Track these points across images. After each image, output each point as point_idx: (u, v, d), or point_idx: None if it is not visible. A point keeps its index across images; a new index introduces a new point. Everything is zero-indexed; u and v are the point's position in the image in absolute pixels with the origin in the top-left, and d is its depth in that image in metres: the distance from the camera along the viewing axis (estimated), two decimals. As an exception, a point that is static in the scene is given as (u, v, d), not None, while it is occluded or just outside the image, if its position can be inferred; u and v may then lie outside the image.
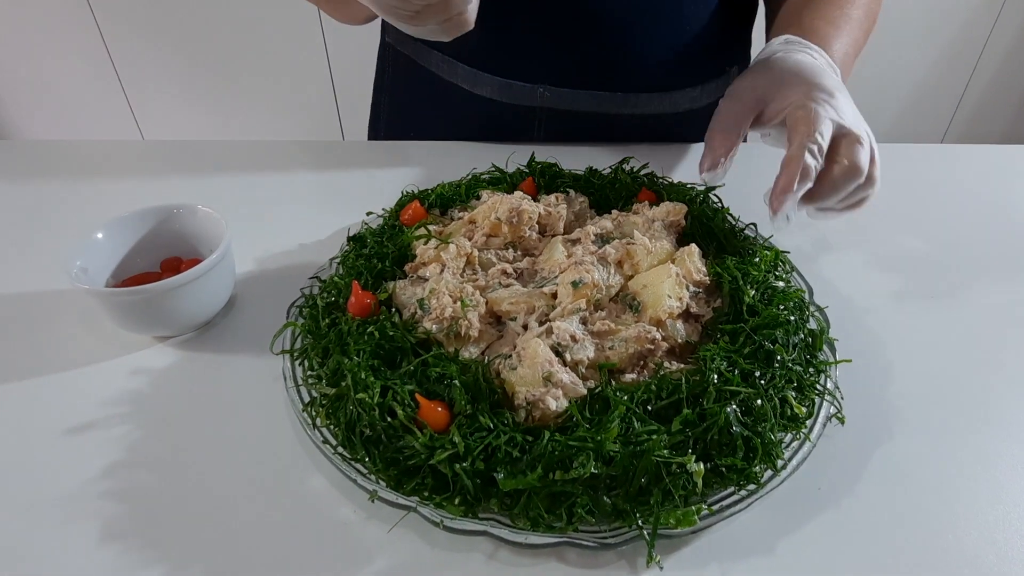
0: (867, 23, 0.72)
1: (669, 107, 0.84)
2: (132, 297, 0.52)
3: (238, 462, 0.47)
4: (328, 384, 0.47)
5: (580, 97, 0.81)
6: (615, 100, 0.82)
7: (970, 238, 0.72)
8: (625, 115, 0.84)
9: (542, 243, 0.60)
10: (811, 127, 0.54)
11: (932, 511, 0.44)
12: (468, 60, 0.82)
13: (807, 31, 0.65)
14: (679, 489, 0.40)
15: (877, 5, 0.76)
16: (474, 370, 0.46)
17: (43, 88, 2.05)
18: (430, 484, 0.41)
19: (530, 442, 0.42)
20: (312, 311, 0.54)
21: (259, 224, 0.72)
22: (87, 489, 0.45)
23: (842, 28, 0.66)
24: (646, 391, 0.45)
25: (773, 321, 0.50)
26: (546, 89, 0.81)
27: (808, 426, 0.46)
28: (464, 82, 0.83)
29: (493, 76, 0.81)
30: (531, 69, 0.80)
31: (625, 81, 0.81)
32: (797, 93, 0.57)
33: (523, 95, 0.82)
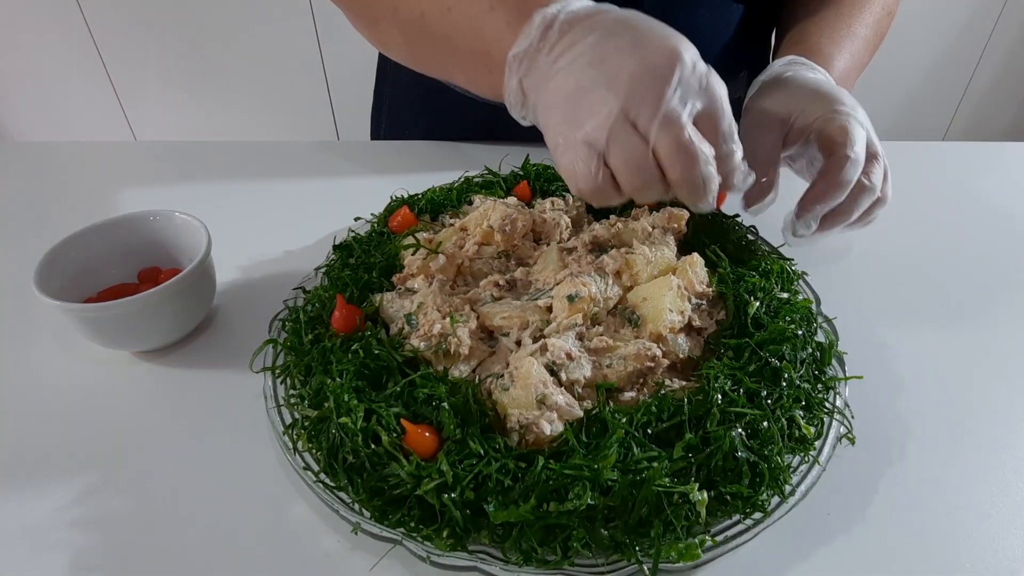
0: (874, 40, 0.72)
1: None
2: (106, 312, 0.49)
3: (217, 487, 0.45)
4: (310, 405, 0.44)
5: None
6: None
7: (975, 237, 0.70)
8: None
9: (537, 252, 0.57)
10: (848, 140, 0.54)
11: (947, 536, 0.42)
12: None
13: (812, 50, 0.65)
14: (681, 520, 0.38)
15: (888, 20, 0.75)
16: (464, 391, 0.43)
17: (33, 88, 2.02)
18: (417, 515, 0.39)
19: (523, 469, 0.39)
20: (295, 325, 0.51)
21: (245, 229, 0.70)
22: (56, 518, 0.43)
23: (845, 48, 0.67)
24: (646, 412, 0.42)
25: (780, 335, 0.48)
26: None
27: (817, 447, 0.44)
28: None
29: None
30: None
31: None
32: (822, 108, 0.57)
33: None
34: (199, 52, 1.95)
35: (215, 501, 0.44)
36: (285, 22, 1.90)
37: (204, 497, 0.44)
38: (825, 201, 0.54)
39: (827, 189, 0.54)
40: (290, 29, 1.91)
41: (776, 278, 0.54)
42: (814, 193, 0.55)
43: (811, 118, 0.57)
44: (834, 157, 0.54)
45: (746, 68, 0.84)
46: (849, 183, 0.54)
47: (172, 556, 0.41)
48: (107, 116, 2.09)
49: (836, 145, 0.54)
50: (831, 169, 0.54)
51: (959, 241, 0.70)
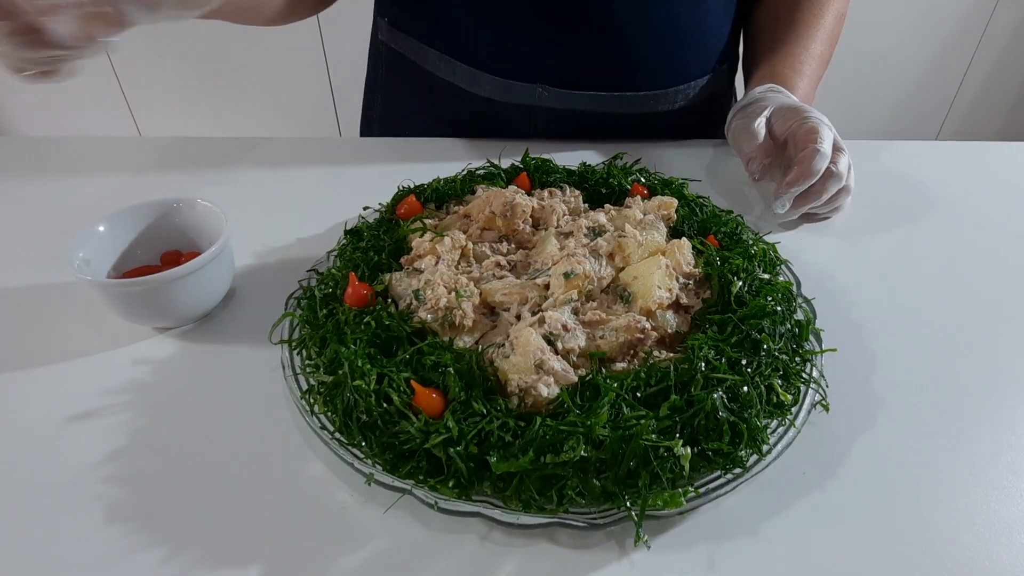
0: (829, 50, 0.85)
1: (665, 104, 0.86)
2: (133, 288, 0.53)
3: (237, 449, 0.48)
4: (326, 372, 0.48)
5: (577, 97, 0.83)
6: (612, 100, 0.83)
7: (961, 234, 0.73)
8: (623, 114, 0.85)
9: (536, 236, 0.61)
10: (817, 136, 0.68)
11: (912, 494, 0.46)
12: (467, 59, 0.83)
13: (778, 77, 0.80)
14: (667, 472, 0.41)
15: (841, 22, 0.87)
16: (468, 358, 0.47)
17: (40, 85, 2.05)
18: (425, 468, 0.43)
19: (522, 427, 0.43)
20: (310, 302, 0.55)
21: (257, 219, 0.73)
22: (89, 475, 0.46)
23: (804, 74, 0.81)
24: (635, 379, 0.46)
25: (760, 311, 0.51)
26: (544, 89, 0.82)
27: (793, 413, 0.48)
28: (462, 81, 0.84)
29: (492, 76, 0.82)
30: (530, 69, 0.81)
31: (622, 81, 0.82)
32: (795, 116, 0.71)
33: (522, 95, 0.83)
34: (204, 52, 1.99)
35: (236, 462, 0.47)
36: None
37: (225, 459, 0.47)
38: (798, 184, 0.68)
39: (800, 175, 0.68)
40: (293, 28, 1.94)
41: (759, 261, 0.58)
42: (790, 178, 0.68)
43: (787, 124, 0.71)
44: (806, 150, 0.68)
45: (726, 62, 0.89)
46: (818, 171, 0.67)
47: (196, 511, 0.44)
48: (114, 114, 2.12)
49: (808, 141, 0.68)
50: (803, 159, 0.68)
51: (949, 236, 0.73)
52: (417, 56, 0.87)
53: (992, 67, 2.22)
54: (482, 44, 0.81)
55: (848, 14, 0.88)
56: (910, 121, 2.32)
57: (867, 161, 0.84)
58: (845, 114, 2.19)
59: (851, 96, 2.21)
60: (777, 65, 0.81)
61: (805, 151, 0.68)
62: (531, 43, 0.80)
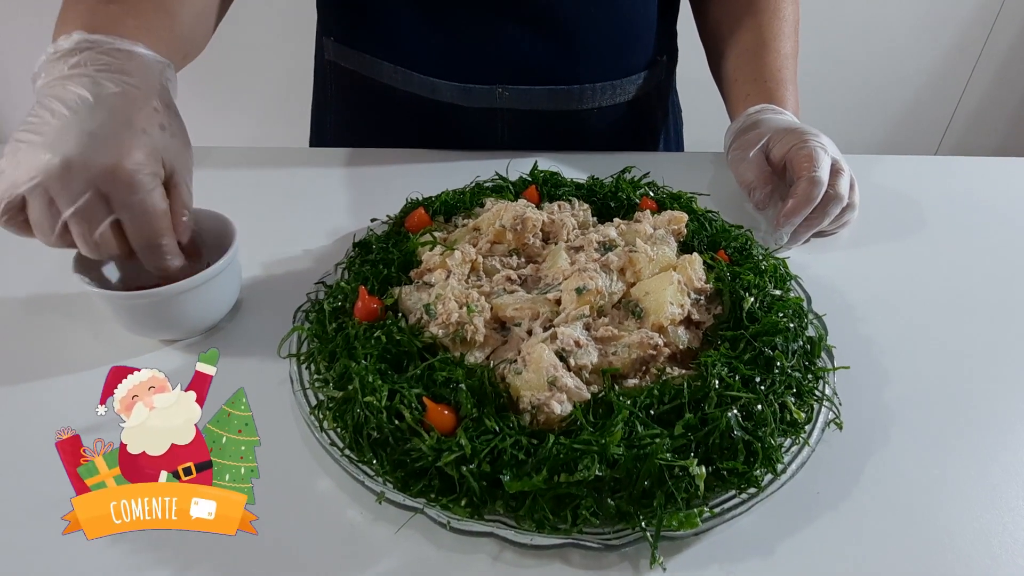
0: (796, 42, 0.84)
1: (621, 95, 0.89)
2: (141, 301, 0.53)
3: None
4: (335, 387, 0.48)
5: (537, 94, 0.85)
6: (571, 95, 0.86)
7: (965, 249, 0.74)
8: (584, 110, 0.87)
9: (546, 250, 0.61)
10: (813, 163, 0.67)
11: (928, 514, 0.45)
12: (423, 68, 0.84)
13: (766, 94, 0.79)
14: (681, 492, 0.41)
15: (797, 9, 0.86)
16: (480, 374, 0.46)
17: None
18: (437, 486, 0.42)
19: (535, 445, 0.43)
20: (319, 315, 0.54)
21: (265, 230, 0.73)
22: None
23: (786, 80, 0.80)
24: (649, 396, 0.46)
25: (773, 328, 0.51)
26: (504, 89, 0.83)
27: (807, 431, 0.47)
28: (421, 90, 0.85)
29: (451, 82, 0.83)
30: (487, 71, 0.83)
31: (577, 73, 0.85)
32: (793, 137, 0.70)
33: (482, 97, 0.84)
34: (209, 60, 1.99)
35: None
36: (289, 31, 1.94)
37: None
38: (796, 215, 0.67)
39: (797, 206, 0.67)
40: (295, 39, 1.95)
41: (769, 277, 0.58)
42: (787, 210, 0.68)
43: (785, 148, 0.70)
44: (802, 179, 0.67)
45: (665, 53, 0.93)
46: (815, 199, 0.67)
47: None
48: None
49: (804, 169, 0.67)
50: (798, 190, 0.67)
51: (950, 250, 0.73)
52: (371, 71, 0.88)
53: (992, 81, 2.23)
54: (437, 51, 0.82)
55: (848, 30, 0.90)
56: (909, 136, 2.33)
57: (867, 176, 0.84)
58: (844, 128, 2.20)
59: (850, 109, 2.22)
60: (759, 80, 0.80)
61: (799, 181, 0.67)
62: (486, 43, 0.81)
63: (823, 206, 0.68)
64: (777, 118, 0.76)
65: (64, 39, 0.52)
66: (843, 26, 1.99)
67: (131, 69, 0.51)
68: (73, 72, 0.50)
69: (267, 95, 2.11)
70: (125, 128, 0.48)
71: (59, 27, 0.55)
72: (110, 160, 0.47)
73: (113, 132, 0.48)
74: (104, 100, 0.49)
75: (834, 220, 0.70)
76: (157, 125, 0.51)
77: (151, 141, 0.49)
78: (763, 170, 0.72)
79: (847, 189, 0.69)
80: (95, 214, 0.47)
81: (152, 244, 0.50)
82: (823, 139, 0.71)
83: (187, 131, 0.56)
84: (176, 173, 0.52)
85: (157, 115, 0.51)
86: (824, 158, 0.68)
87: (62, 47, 0.51)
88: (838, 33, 1.99)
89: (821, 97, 2.15)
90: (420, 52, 0.83)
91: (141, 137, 0.49)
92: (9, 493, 0.46)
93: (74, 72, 0.50)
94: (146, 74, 0.52)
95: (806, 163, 0.67)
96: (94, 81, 0.49)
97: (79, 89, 0.49)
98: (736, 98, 0.82)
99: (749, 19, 0.83)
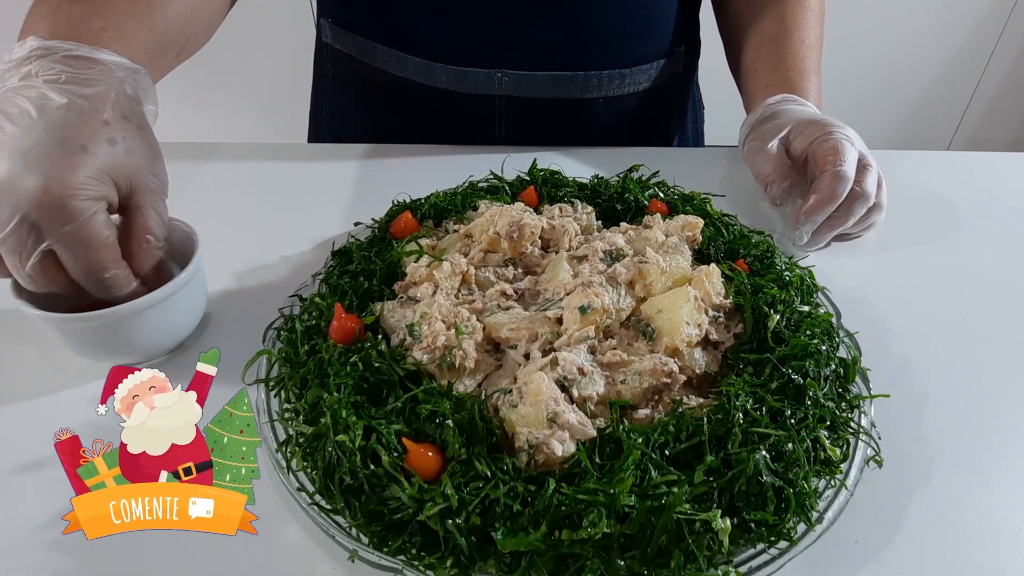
0: (821, 32, 0.79)
1: (629, 85, 0.82)
2: (89, 323, 0.47)
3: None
4: (306, 421, 0.42)
5: (539, 80, 0.79)
6: (575, 82, 0.80)
7: (1004, 252, 0.68)
8: (588, 99, 0.81)
9: (545, 260, 0.54)
10: (839, 156, 0.61)
11: (979, 562, 0.40)
12: (419, 51, 0.78)
13: (787, 84, 0.73)
14: (703, 550, 0.35)
15: (822, 1, 0.80)
16: (469, 407, 0.41)
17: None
18: (418, 542, 0.36)
19: (533, 493, 0.37)
20: (291, 336, 0.48)
21: (239, 233, 0.67)
22: (30, 540, 0.40)
23: (810, 71, 0.75)
24: (663, 432, 0.40)
25: (802, 351, 0.45)
26: (504, 74, 0.78)
27: (843, 471, 0.42)
28: (416, 75, 0.80)
29: (447, 65, 0.78)
30: (486, 53, 0.77)
31: (580, 60, 0.79)
32: (815, 129, 0.64)
33: (480, 82, 0.78)
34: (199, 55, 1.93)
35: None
36: (281, 24, 1.89)
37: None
38: (818, 212, 0.61)
39: (820, 202, 0.61)
40: (286, 31, 1.90)
41: (795, 290, 0.52)
42: (808, 206, 0.62)
43: (807, 140, 0.64)
44: (826, 173, 0.61)
45: (683, 44, 0.86)
46: (840, 196, 0.61)
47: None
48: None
49: (828, 163, 0.61)
50: (821, 185, 0.61)
51: (978, 253, 0.68)
52: (365, 55, 0.83)
53: (1005, 76, 2.17)
54: (433, 33, 0.77)
55: (862, 24, 0.84)
56: (922, 131, 2.28)
57: (889, 173, 0.78)
58: (857, 123, 2.14)
59: (862, 104, 2.17)
60: (780, 70, 0.75)
61: (823, 175, 0.61)
62: (486, 26, 0.75)
63: (848, 204, 0.62)
64: (799, 109, 0.70)
65: (19, 46, 0.47)
66: (855, 21, 1.94)
67: (89, 78, 0.46)
68: (22, 84, 0.44)
69: (267, 87, 2.05)
70: (58, 146, 0.42)
71: (22, 32, 0.49)
72: (35, 183, 0.41)
73: (45, 152, 0.42)
74: (46, 114, 0.43)
75: (859, 221, 0.64)
76: (104, 141, 0.44)
77: (93, 160, 0.43)
78: (782, 163, 0.66)
79: (874, 187, 0.63)
80: (24, 244, 0.42)
81: (94, 278, 0.44)
82: (849, 131, 0.65)
83: (156, 144, 0.50)
84: (137, 193, 0.47)
85: (106, 129, 0.45)
86: (851, 151, 0.62)
87: (16, 55, 0.46)
88: (850, 28, 1.94)
89: (833, 91, 2.09)
90: (414, 32, 0.77)
91: (78, 156, 0.43)
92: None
93: (22, 84, 0.44)
94: (106, 83, 0.46)
95: (831, 156, 0.61)
96: (40, 94, 0.44)
97: (24, 103, 0.43)
98: (755, 88, 0.76)
99: (772, 7, 0.78)
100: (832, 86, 2.12)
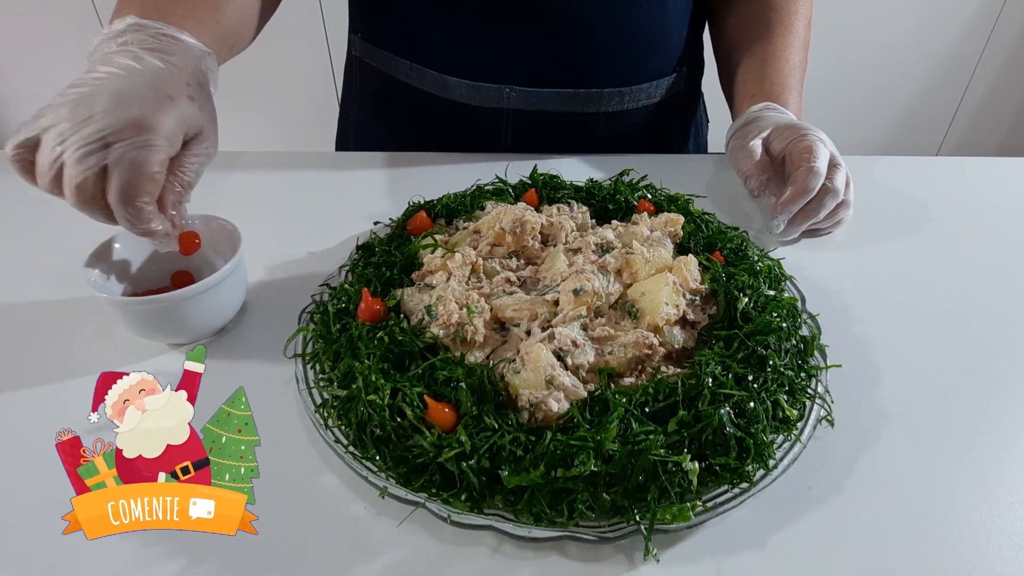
0: (805, 56, 0.87)
1: (630, 102, 0.89)
2: (149, 306, 0.54)
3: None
4: (339, 387, 0.49)
5: (545, 96, 0.86)
6: (578, 98, 0.86)
7: (963, 249, 0.74)
8: (589, 114, 0.88)
9: (544, 252, 0.62)
10: (812, 155, 0.69)
11: (917, 509, 0.46)
12: (436, 66, 0.86)
13: (770, 95, 0.81)
14: (675, 487, 0.42)
15: (809, 26, 0.89)
16: (479, 373, 0.48)
17: (43, 90, 2.07)
18: (438, 481, 0.43)
19: (533, 441, 0.44)
20: (323, 317, 0.56)
21: (269, 234, 0.74)
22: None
23: (792, 87, 0.83)
24: (644, 394, 0.47)
25: (766, 327, 0.52)
26: (512, 89, 0.85)
27: (799, 428, 0.49)
28: (433, 88, 0.87)
29: (461, 80, 0.85)
30: (497, 70, 0.84)
31: (585, 78, 0.85)
32: (792, 132, 0.73)
33: (491, 96, 0.86)
34: (235, 60, 2.00)
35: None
36: (296, 34, 1.96)
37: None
38: (793, 203, 0.69)
39: (795, 194, 0.69)
40: (301, 42, 1.97)
41: (764, 277, 0.59)
42: (785, 198, 0.70)
43: (785, 142, 0.73)
44: (801, 168, 0.69)
45: (686, 64, 0.93)
46: (813, 189, 0.69)
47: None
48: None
49: (803, 160, 0.69)
50: (797, 178, 0.69)
51: (951, 252, 0.74)
52: (389, 68, 0.90)
53: (993, 82, 2.23)
54: (450, 50, 0.84)
55: (850, 30, 0.91)
56: (911, 136, 2.33)
57: (868, 176, 0.85)
58: (846, 129, 2.21)
59: (851, 110, 2.23)
60: (765, 83, 0.83)
61: (799, 170, 0.69)
62: (497, 44, 0.83)
63: (819, 198, 0.70)
64: (779, 115, 0.78)
65: (118, 22, 0.56)
66: (845, 26, 2.00)
67: (174, 51, 0.55)
68: (121, 48, 0.54)
69: (296, 97, 2.12)
70: (151, 91, 0.51)
71: (114, 14, 0.58)
72: (125, 115, 0.49)
73: (140, 94, 0.50)
74: (144, 68, 0.52)
75: (828, 216, 0.72)
76: (186, 96, 0.53)
77: (175, 109, 0.51)
78: (761, 159, 0.74)
79: (843, 184, 0.71)
80: (90, 158, 0.48)
81: (130, 205, 0.49)
82: (822, 134, 0.73)
83: (216, 120, 0.58)
84: (192, 143, 0.54)
85: (187, 88, 0.54)
86: (823, 151, 0.70)
87: (115, 28, 0.55)
88: (840, 33, 2.00)
89: (823, 97, 2.15)
90: (433, 48, 0.85)
91: (165, 103, 0.51)
92: (9, 493, 0.47)
93: (122, 48, 0.54)
94: (187, 58, 0.55)
95: (805, 154, 0.70)
96: (136, 56, 0.53)
97: (125, 60, 0.52)
98: (741, 99, 0.84)
99: (762, 32, 0.86)
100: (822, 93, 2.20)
